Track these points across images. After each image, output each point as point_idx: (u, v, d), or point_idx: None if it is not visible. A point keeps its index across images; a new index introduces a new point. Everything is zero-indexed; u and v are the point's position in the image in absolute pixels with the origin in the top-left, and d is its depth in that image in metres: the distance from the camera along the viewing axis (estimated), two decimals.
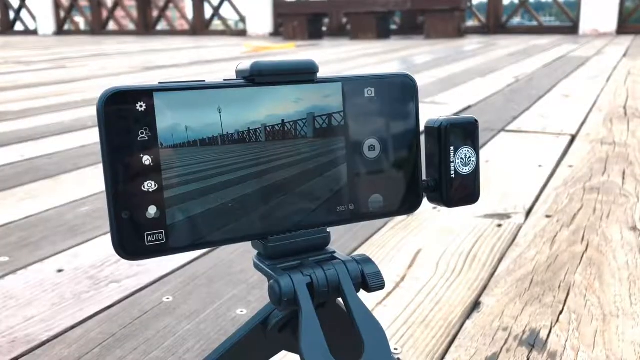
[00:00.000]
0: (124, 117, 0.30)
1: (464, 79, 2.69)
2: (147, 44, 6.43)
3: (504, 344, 0.55)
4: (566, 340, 0.56)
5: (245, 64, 0.33)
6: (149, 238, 0.31)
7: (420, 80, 2.69)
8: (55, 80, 2.94)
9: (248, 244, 0.35)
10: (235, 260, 0.75)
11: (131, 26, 9.51)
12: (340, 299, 0.34)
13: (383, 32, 6.80)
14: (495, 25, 7.19)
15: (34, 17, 10.26)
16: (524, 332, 0.57)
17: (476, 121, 0.38)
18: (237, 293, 0.67)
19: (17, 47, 6.38)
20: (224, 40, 6.97)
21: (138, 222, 0.31)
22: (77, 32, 9.97)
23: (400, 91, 0.37)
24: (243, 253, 0.77)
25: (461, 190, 0.38)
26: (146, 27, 9.08)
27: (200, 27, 8.64)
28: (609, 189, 1.02)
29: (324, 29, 7.50)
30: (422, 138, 0.37)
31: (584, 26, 6.60)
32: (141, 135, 0.30)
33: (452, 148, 0.37)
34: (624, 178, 1.08)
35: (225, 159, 0.33)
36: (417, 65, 3.45)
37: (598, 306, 0.62)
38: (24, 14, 10.49)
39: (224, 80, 0.33)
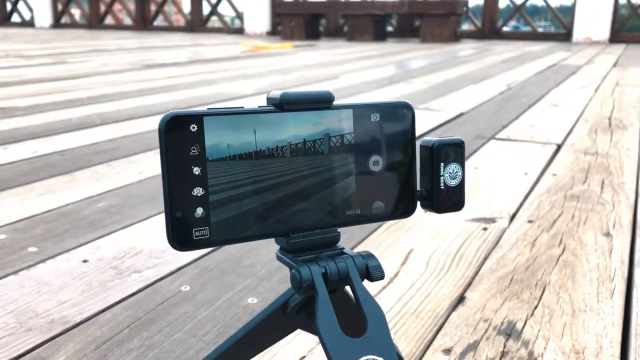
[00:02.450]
0: (180, 136, 0.38)
1: (458, 85, 2.78)
2: (145, 40, 6.48)
3: (484, 333, 0.63)
4: (539, 331, 0.64)
5: (276, 94, 0.41)
6: (196, 233, 0.39)
7: (416, 86, 2.77)
8: (58, 76, 2.99)
9: (256, 242, 0.42)
10: (244, 255, 0.83)
11: (128, 20, 9.53)
12: (348, 287, 0.42)
13: (379, 35, 6.88)
14: (491, 30, 7.29)
15: (30, 9, 10.26)
16: (502, 323, 0.65)
17: (462, 142, 0.46)
18: (248, 284, 0.74)
19: (16, 39, 6.41)
20: (222, 38, 7.03)
21: (188, 220, 0.38)
22: (74, 25, 9.99)
23: (401, 117, 0.45)
24: (251, 249, 0.84)
25: (449, 200, 0.46)
26: (144, 22, 9.11)
27: (197, 24, 8.68)
28: (588, 197, 1.10)
29: (321, 29, 7.57)
30: (418, 154, 0.45)
31: (577, 34, 6.72)
32: (192, 151, 0.38)
33: (442, 164, 0.45)
34: (602, 187, 1.16)
35: (258, 170, 0.40)
36: (412, 70, 3.53)
37: (569, 302, 0.70)
38: (20, 5, 10.49)
39: (259, 107, 0.41)
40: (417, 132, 1.69)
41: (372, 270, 0.42)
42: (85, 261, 0.81)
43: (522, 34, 7.66)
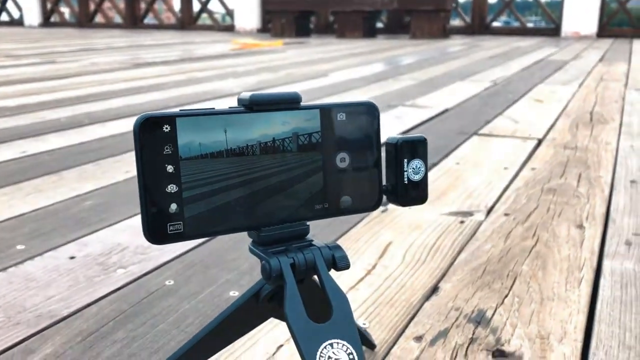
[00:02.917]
0: (154, 136, 0.40)
1: (444, 81, 2.81)
2: (135, 39, 6.47)
3: (455, 320, 0.66)
4: (507, 319, 0.67)
5: (245, 95, 0.43)
6: (171, 228, 0.41)
7: (403, 82, 2.80)
8: (47, 76, 3.00)
9: (240, 237, 0.45)
10: (228, 250, 0.85)
11: (118, 19, 9.51)
12: (315, 276, 0.44)
13: (369, 31, 6.90)
14: (480, 25, 7.33)
15: (19, 8, 10.21)
16: (472, 311, 0.68)
17: (425, 139, 0.48)
18: (230, 278, 0.77)
19: (4, 39, 6.39)
20: (212, 36, 7.03)
21: (162, 216, 0.41)
22: (64, 24, 9.95)
23: (366, 116, 0.47)
24: (234, 244, 0.87)
25: (413, 193, 0.48)
26: (134, 20, 9.09)
27: (188, 22, 8.67)
28: (564, 190, 1.13)
29: (311, 26, 7.58)
30: (383, 151, 0.48)
31: (565, 28, 6.77)
32: (166, 150, 0.40)
33: (405, 160, 0.48)
34: (579, 180, 1.20)
35: (229, 168, 0.43)
36: (401, 67, 3.56)
37: (538, 292, 0.73)
38: (9, 4, 10.44)
39: (229, 107, 0.43)
40: (403, 129, 1.72)
41: (338, 260, 0.45)
42: (72, 258, 0.83)
43: (511, 29, 7.70)
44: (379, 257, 0.83)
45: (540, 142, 1.54)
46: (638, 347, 0.61)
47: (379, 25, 7.70)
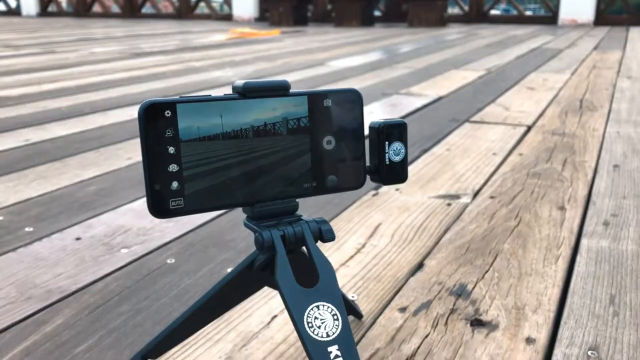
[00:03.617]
0: (156, 120, 0.44)
1: (439, 70, 2.84)
2: (133, 28, 6.48)
3: (437, 294, 0.71)
4: (486, 292, 0.71)
5: (239, 83, 0.48)
6: (172, 203, 0.45)
7: (399, 71, 2.83)
8: (47, 66, 3.03)
9: (237, 220, 0.49)
10: (225, 231, 0.90)
11: (115, 8, 9.50)
12: (304, 247, 0.49)
13: (367, 20, 6.91)
14: (478, 14, 7.34)
15: None
16: (454, 285, 0.73)
17: (405, 123, 0.53)
18: (228, 256, 0.81)
19: (3, 29, 6.40)
20: (210, 25, 7.04)
21: (165, 193, 0.45)
22: (61, 13, 9.94)
23: (350, 102, 0.51)
24: (231, 226, 0.91)
25: (393, 173, 0.53)
26: (132, 9, 9.08)
27: (185, 11, 8.67)
28: (549, 174, 1.18)
29: (309, 15, 7.59)
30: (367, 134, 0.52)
31: (563, 16, 6.78)
32: (167, 133, 0.45)
33: (386, 143, 0.52)
34: (564, 165, 1.24)
35: (225, 149, 0.47)
36: (397, 56, 3.59)
37: (517, 267, 0.78)
38: None
39: (225, 94, 0.47)
40: (397, 116, 1.76)
41: (324, 233, 0.49)
42: (78, 239, 0.88)
43: (508, 17, 7.71)
44: (369, 237, 0.88)
45: (529, 128, 1.59)
46: (605, 316, 0.66)
47: (377, 13, 7.71)
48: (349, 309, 0.62)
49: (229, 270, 0.77)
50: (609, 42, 4.29)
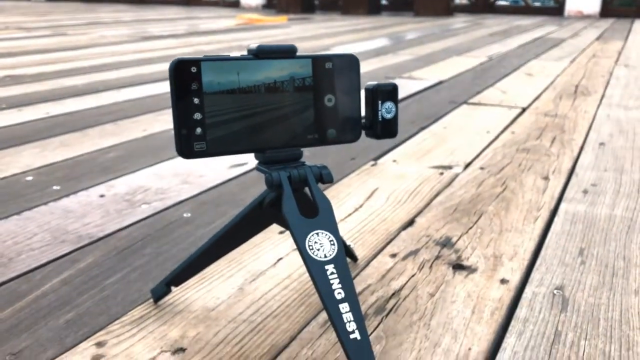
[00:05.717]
0: (183, 75, 0.53)
1: (442, 56, 2.91)
2: (142, 13, 6.55)
3: (425, 244, 0.79)
4: (469, 244, 0.80)
5: (253, 46, 0.56)
6: (197, 146, 0.54)
7: (402, 57, 2.90)
8: (60, 47, 3.12)
9: (247, 184, 0.57)
10: (236, 193, 0.98)
11: None
12: (306, 188, 0.58)
13: (374, 8, 6.96)
14: (485, 4, 7.37)
15: None
16: (440, 238, 0.81)
17: (396, 85, 0.61)
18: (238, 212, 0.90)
19: (13, 12, 6.48)
20: (217, 12, 7.10)
21: (190, 137, 0.54)
22: None
23: (349, 65, 0.60)
24: (242, 188, 1.00)
25: (385, 129, 0.61)
26: None
27: None
28: (537, 150, 1.26)
29: (317, 3, 7.63)
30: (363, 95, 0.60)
31: (569, 7, 6.81)
32: (193, 86, 0.53)
33: (379, 102, 0.60)
34: (552, 142, 1.32)
35: (240, 102, 0.55)
36: (401, 43, 3.66)
37: (498, 225, 0.86)
38: None
39: (241, 55, 0.56)
40: (400, 96, 1.84)
41: (324, 175, 0.58)
42: (102, 196, 0.97)
43: (515, 8, 7.73)
44: (366, 199, 0.96)
45: (524, 110, 1.66)
46: (573, 264, 0.74)
47: (384, 2, 7.74)
48: (345, 251, 0.70)
49: None
50: (612, 33, 4.34)
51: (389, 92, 0.61)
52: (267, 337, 0.58)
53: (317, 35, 4.07)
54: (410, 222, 0.87)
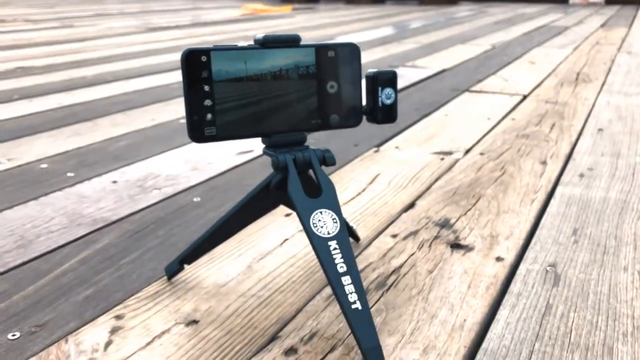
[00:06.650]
0: (194, 64, 0.56)
1: (445, 45, 2.93)
2: (147, 5, 6.57)
3: (424, 225, 0.83)
4: (467, 224, 0.83)
5: (260, 36, 0.59)
6: (207, 131, 0.58)
7: (406, 46, 2.92)
8: (67, 39, 3.15)
9: (253, 171, 0.61)
10: (243, 179, 1.02)
11: None
12: (310, 170, 0.61)
13: None
14: None
15: None
16: (440, 219, 0.85)
17: (395, 72, 0.64)
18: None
19: (19, 4, 6.52)
20: (221, 2, 7.12)
21: (201, 122, 0.57)
22: None
23: (350, 53, 0.63)
24: (249, 174, 1.04)
25: (385, 114, 0.64)
26: None
27: None
28: (536, 136, 1.29)
29: None
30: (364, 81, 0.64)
31: None
32: (203, 74, 0.57)
33: (380, 88, 0.64)
34: (552, 128, 1.35)
35: (248, 89, 0.59)
36: (406, 32, 3.68)
37: (496, 207, 0.90)
38: None
39: (248, 44, 0.59)
40: (402, 86, 1.87)
41: (327, 158, 0.61)
42: (114, 182, 1.01)
43: None
44: (369, 184, 1.00)
45: (525, 97, 1.69)
46: (567, 244, 0.78)
47: None
48: (348, 232, 0.74)
49: None
50: (617, 20, 4.34)
51: (388, 79, 0.64)
52: (275, 310, 0.62)
53: (321, 25, 4.09)
54: (411, 205, 0.90)
